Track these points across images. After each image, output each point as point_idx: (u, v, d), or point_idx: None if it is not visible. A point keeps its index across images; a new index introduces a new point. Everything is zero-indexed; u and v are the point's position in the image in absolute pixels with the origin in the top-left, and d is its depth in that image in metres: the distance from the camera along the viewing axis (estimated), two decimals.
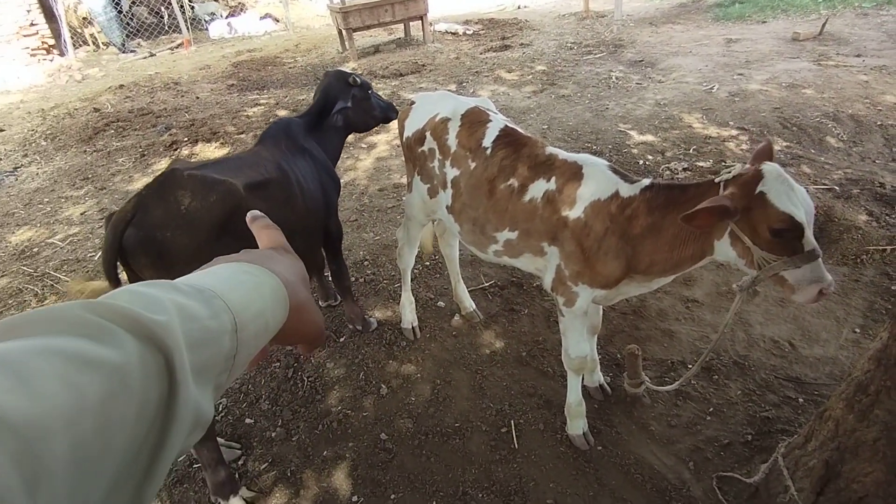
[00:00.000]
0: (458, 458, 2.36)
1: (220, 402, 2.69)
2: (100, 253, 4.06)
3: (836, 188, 3.97)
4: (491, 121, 2.28)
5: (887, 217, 3.62)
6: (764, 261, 1.69)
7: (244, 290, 0.54)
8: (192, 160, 5.51)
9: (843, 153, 4.62)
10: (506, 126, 2.25)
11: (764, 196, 1.63)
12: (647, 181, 1.91)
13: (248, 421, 2.61)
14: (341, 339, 3.03)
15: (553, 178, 2.02)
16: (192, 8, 12.97)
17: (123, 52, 10.92)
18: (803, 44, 7.21)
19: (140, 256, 1.94)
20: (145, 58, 10.65)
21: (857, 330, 2.86)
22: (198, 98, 7.58)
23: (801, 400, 2.50)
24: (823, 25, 7.42)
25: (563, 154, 2.08)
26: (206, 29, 12.53)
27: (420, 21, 9.21)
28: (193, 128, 6.16)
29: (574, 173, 1.98)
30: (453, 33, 9.96)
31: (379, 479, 2.30)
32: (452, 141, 2.32)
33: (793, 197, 1.62)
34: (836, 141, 4.75)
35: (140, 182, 5.19)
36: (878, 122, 4.91)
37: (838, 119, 5.01)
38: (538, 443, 2.40)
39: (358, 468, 2.35)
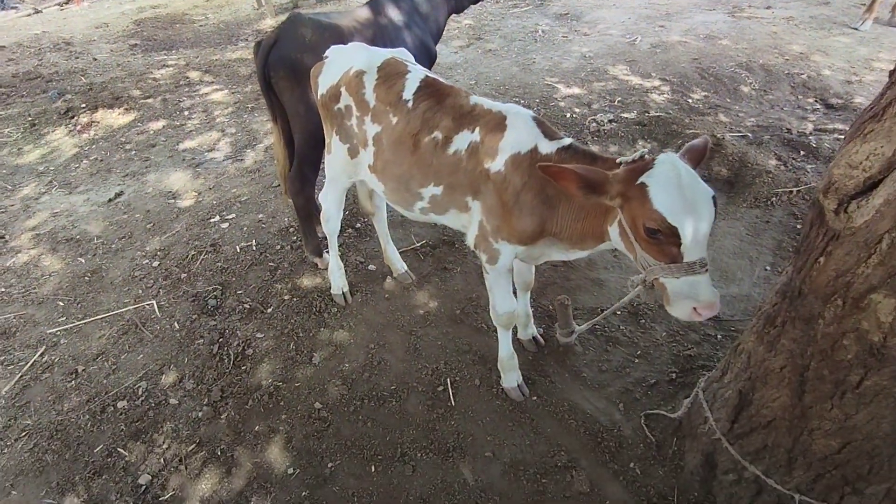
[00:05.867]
0: (396, 421, 2.34)
1: (139, 386, 2.51)
2: None
3: (750, 135, 4.15)
4: (410, 72, 2.16)
5: (794, 161, 3.83)
6: (646, 262, 1.54)
7: None
8: (92, 127, 5.02)
9: (755, 101, 4.83)
10: (426, 77, 2.14)
11: (644, 188, 1.44)
12: (567, 141, 1.83)
13: (171, 402, 2.46)
14: (269, 310, 2.89)
15: (477, 129, 1.94)
16: None
17: (3, 9, 9.68)
18: None
19: (279, 69, 2.67)
20: (29, 15, 9.49)
21: (768, 268, 3.04)
22: (95, 60, 6.87)
23: (719, 336, 2.65)
24: None
25: (488, 103, 1.99)
26: None
27: None
28: (92, 93, 5.58)
29: (498, 123, 1.90)
30: None
31: (315, 448, 2.24)
32: (370, 95, 2.19)
33: (679, 197, 1.41)
34: (749, 90, 4.96)
35: (32, 155, 4.68)
36: (786, 72, 5.15)
37: (751, 69, 5.22)
38: (475, 398, 2.41)
39: (292, 440, 2.28)
